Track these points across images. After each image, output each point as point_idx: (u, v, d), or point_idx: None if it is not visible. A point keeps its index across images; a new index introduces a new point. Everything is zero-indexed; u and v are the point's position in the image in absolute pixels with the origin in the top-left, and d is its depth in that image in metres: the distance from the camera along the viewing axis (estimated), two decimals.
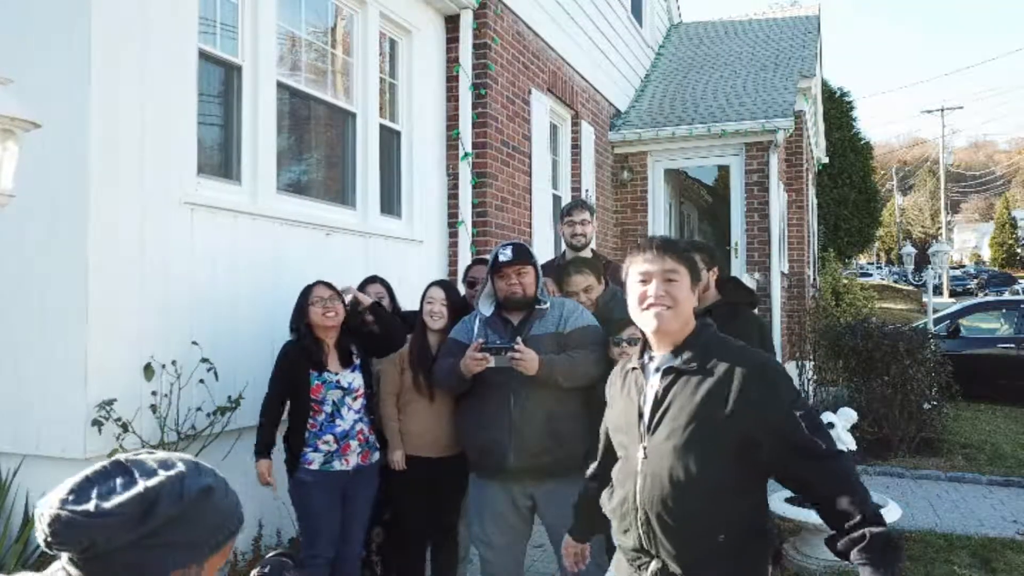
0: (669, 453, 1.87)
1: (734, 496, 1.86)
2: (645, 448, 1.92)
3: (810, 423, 1.82)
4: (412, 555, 3.73)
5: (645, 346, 2.07)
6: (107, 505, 1.06)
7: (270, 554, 1.50)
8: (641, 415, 1.97)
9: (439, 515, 3.72)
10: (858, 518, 1.75)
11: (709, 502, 1.84)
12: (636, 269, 2.01)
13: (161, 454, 1.18)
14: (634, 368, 2.07)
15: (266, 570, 1.45)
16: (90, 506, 1.06)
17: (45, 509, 1.07)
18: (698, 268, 2.06)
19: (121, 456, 1.16)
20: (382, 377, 3.70)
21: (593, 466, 2.33)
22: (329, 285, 3.53)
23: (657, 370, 1.99)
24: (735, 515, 1.86)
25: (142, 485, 1.09)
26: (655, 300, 1.94)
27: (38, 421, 3.34)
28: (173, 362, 3.52)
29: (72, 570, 1.10)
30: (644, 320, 1.98)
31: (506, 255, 3.15)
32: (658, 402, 1.94)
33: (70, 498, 1.07)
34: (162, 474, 1.12)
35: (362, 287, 3.98)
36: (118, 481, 1.10)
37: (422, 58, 5.87)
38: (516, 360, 2.98)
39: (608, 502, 2.07)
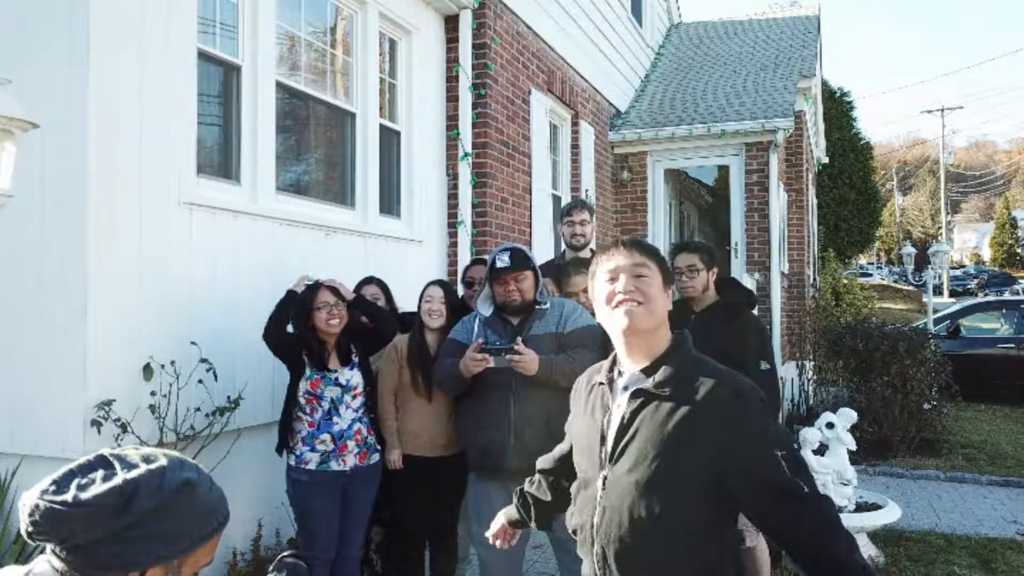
0: (631, 488, 1.67)
1: (701, 538, 1.67)
2: (605, 478, 1.73)
3: (792, 464, 1.64)
4: (411, 555, 3.73)
5: (614, 359, 1.87)
6: (84, 496, 1.07)
7: (283, 554, 1.50)
8: (604, 439, 1.77)
9: (438, 515, 3.72)
10: (847, 570, 1.58)
11: (672, 544, 1.66)
12: (603, 268, 1.84)
13: (146, 449, 1.19)
14: (601, 383, 1.86)
15: (283, 574, 1.45)
16: (68, 497, 1.07)
17: (27, 499, 1.09)
18: (670, 270, 1.89)
19: (106, 450, 1.17)
20: (380, 376, 3.70)
21: (548, 459, 2.17)
22: (334, 290, 3.53)
23: (626, 388, 1.78)
24: (700, 558, 1.67)
25: (121, 477, 1.10)
26: (625, 296, 1.76)
27: (37, 421, 3.34)
28: (172, 362, 3.52)
29: (55, 561, 1.11)
30: (613, 320, 1.78)
31: (504, 262, 3.12)
32: (623, 428, 1.73)
33: (51, 489, 1.09)
34: (143, 467, 1.13)
35: (358, 288, 3.97)
36: (99, 473, 1.11)
37: (422, 58, 5.87)
38: (515, 361, 2.97)
39: (569, 520, 1.92)
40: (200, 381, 3.61)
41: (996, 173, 68.49)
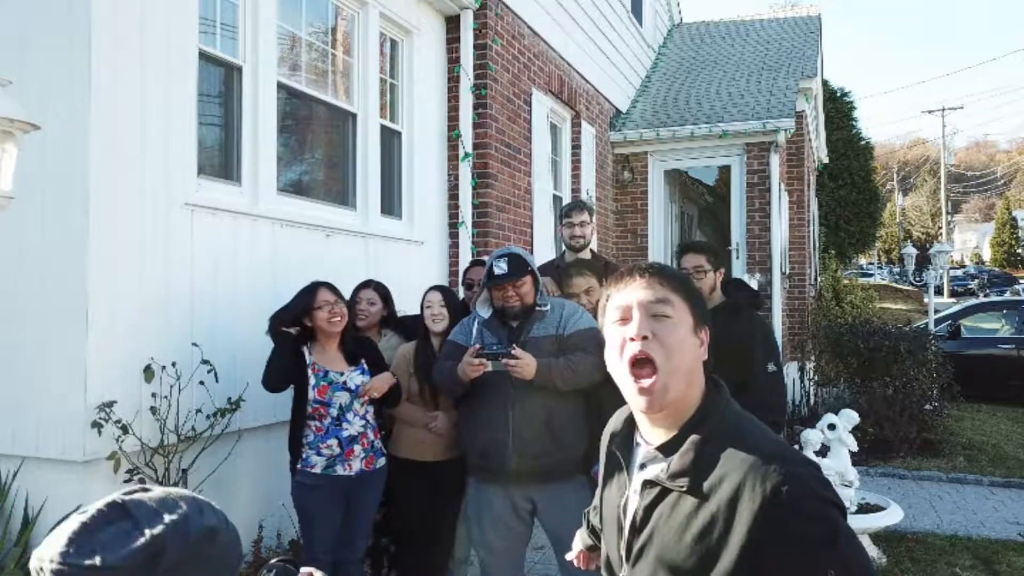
0: None
1: None
2: None
3: None
4: (414, 556, 3.72)
5: (632, 418, 1.47)
6: (113, 558, 1.00)
7: (273, 559, 1.48)
8: (621, 528, 1.43)
9: (440, 518, 3.71)
10: None
11: None
12: (613, 304, 1.41)
13: (158, 491, 1.12)
14: (614, 452, 1.48)
15: (271, 574, 1.43)
16: (96, 560, 0.99)
17: (46, 564, 1.00)
18: (704, 305, 1.45)
19: (118, 496, 1.10)
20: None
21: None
22: (332, 289, 3.52)
23: (643, 467, 1.40)
24: None
25: (148, 533, 1.04)
26: (637, 351, 1.33)
27: (37, 422, 3.33)
28: (173, 363, 3.51)
29: None
30: (624, 384, 1.37)
31: (501, 269, 3.08)
32: (635, 527, 1.38)
33: (71, 550, 1.01)
34: (166, 518, 1.06)
35: (356, 292, 3.96)
36: (120, 527, 1.04)
37: (423, 59, 5.86)
38: (512, 366, 2.95)
39: None
40: (201, 382, 3.60)
41: (996, 173, 68.46)
